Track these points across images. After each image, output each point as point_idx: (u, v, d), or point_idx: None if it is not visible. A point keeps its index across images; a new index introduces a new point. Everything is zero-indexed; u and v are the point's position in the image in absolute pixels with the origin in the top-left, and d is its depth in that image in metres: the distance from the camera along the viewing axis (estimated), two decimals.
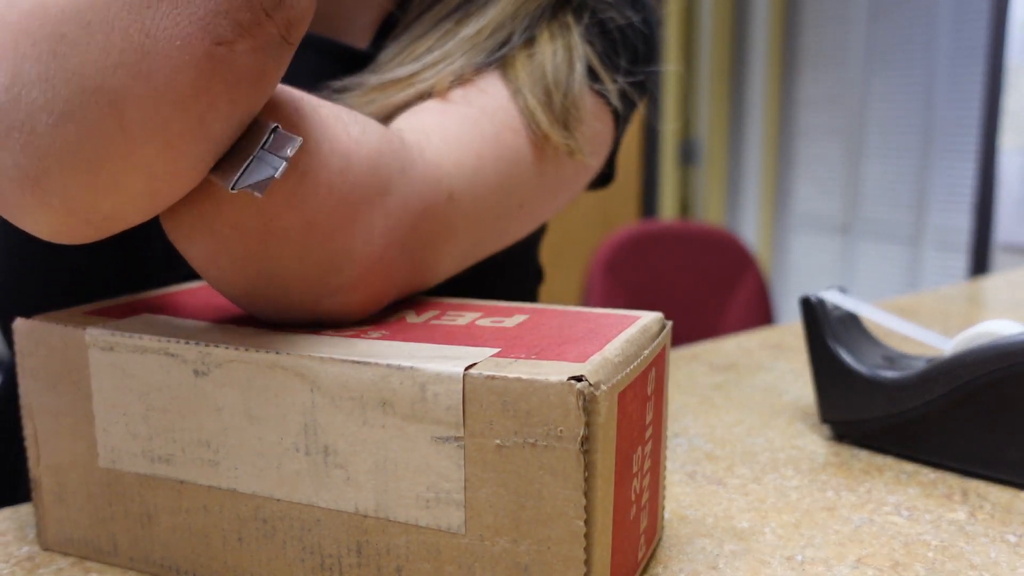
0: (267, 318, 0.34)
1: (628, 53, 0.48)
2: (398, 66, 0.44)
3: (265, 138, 0.27)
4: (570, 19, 0.46)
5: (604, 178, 0.53)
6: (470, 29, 0.44)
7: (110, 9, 0.24)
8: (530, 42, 0.44)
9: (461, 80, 0.43)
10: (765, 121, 2.90)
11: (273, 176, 0.27)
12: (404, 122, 0.40)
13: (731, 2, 2.97)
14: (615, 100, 0.47)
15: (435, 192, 0.36)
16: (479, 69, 0.43)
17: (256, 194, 0.27)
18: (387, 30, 0.49)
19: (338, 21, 0.49)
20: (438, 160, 0.37)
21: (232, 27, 0.25)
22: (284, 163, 0.27)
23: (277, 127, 0.28)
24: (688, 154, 3.07)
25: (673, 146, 3.01)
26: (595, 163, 0.48)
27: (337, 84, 0.44)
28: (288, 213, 0.29)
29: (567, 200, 0.48)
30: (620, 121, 0.49)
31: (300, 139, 0.28)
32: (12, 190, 0.26)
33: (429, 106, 0.41)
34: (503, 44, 0.44)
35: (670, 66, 2.92)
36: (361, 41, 0.50)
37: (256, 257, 0.30)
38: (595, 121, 0.46)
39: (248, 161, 0.27)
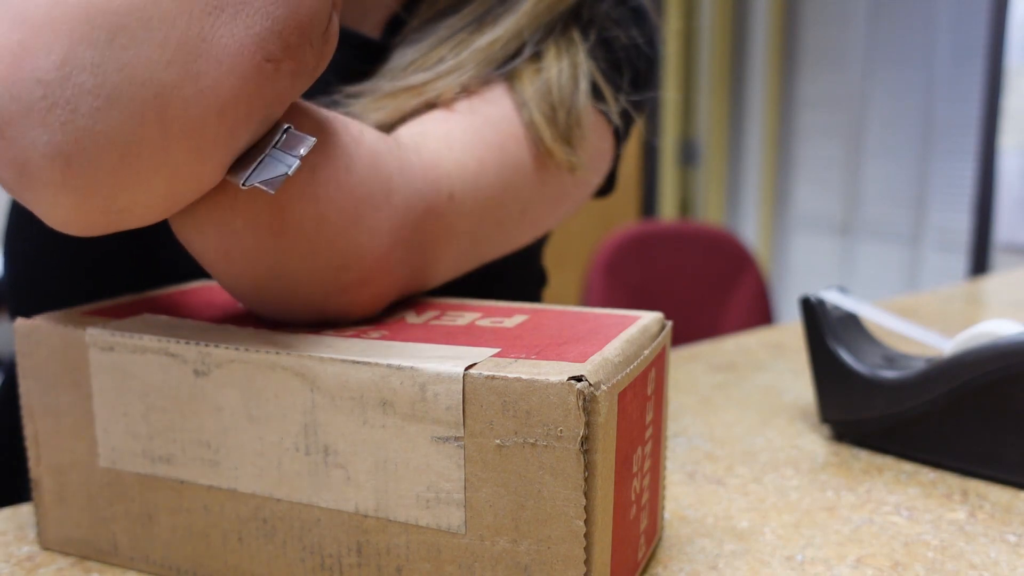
0: (273, 317, 0.34)
1: (631, 73, 0.49)
2: (412, 74, 0.44)
3: (278, 137, 0.28)
4: (576, 35, 0.46)
5: (604, 189, 0.54)
6: (484, 40, 0.44)
7: (173, 10, 0.25)
8: (537, 56, 0.45)
9: (467, 91, 0.43)
10: (765, 121, 2.90)
11: (286, 174, 0.28)
12: (405, 128, 0.40)
13: (731, 2, 2.97)
14: (616, 119, 0.48)
15: (436, 192, 0.37)
16: (486, 80, 0.44)
17: (268, 191, 0.28)
18: (394, 27, 0.49)
19: (354, 15, 0.50)
20: (436, 160, 0.38)
21: (282, 47, 0.27)
22: (297, 161, 0.28)
23: (289, 127, 0.29)
24: (688, 154, 3.07)
25: (673, 146, 3.01)
26: (595, 180, 0.49)
27: (351, 89, 0.44)
28: (301, 207, 0.30)
29: (568, 212, 0.49)
30: (620, 139, 0.50)
31: (313, 139, 0.28)
32: (41, 166, 0.27)
33: (433, 114, 0.42)
34: (514, 56, 0.45)
35: (670, 64, 2.93)
36: (374, 34, 0.50)
37: (268, 253, 0.30)
38: (596, 138, 0.47)
39: (261, 159, 0.28)
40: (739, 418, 0.52)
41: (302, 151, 0.28)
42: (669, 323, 0.35)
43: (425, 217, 0.36)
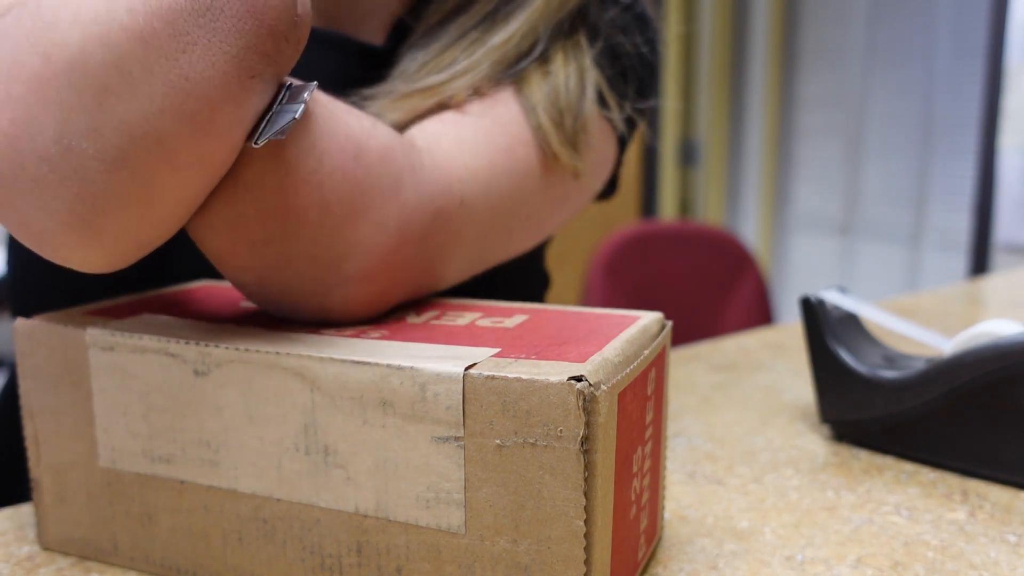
0: (277, 312, 0.34)
1: (636, 82, 0.49)
2: (427, 75, 0.44)
3: (282, 94, 0.28)
4: (583, 41, 0.46)
5: (605, 192, 0.54)
6: (497, 38, 0.44)
7: (148, 58, 0.25)
8: (545, 60, 0.45)
9: (478, 93, 0.44)
10: (765, 121, 2.90)
11: (295, 118, 0.28)
12: (418, 129, 0.40)
13: (731, 2, 2.97)
14: (620, 126, 0.48)
15: (447, 196, 0.37)
16: (496, 83, 0.44)
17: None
18: (399, 32, 0.49)
19: (352, 21, 0.50)
20: (449, 164, 0.38)
21: (261, 58, 0.27)
22: (302, 106, 0.28)
23: (291, 83, 0.29)
24: (688, 154, 3.07)
25: (673, 146, 3.01)
26: (597, 185, 0.49)
27: (367, 92, 0.44)
28: (308, 192, 0.30)
29: (569, 217, 0.49)
30: (623, 145, 0.50)
31: (314, 83, 0.28)
32: (62, 233, 0.27)
33: (444, 116, 0.42)
34: (525, 54, 0.45)
35: (670, 64, 2.92)
36: (375, 40, 0.50)
37: (275, 240, 0.31)
38: (600, 144, 0.47)
39: (268, 116, 0.28)
40: (739, 418, 0.52)
41: (306, 95, 0.28)
42: (669, 323, 0.35)
43: (435, 219, 0.36)
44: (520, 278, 0.58)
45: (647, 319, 0.33)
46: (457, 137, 0.40)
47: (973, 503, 0.40)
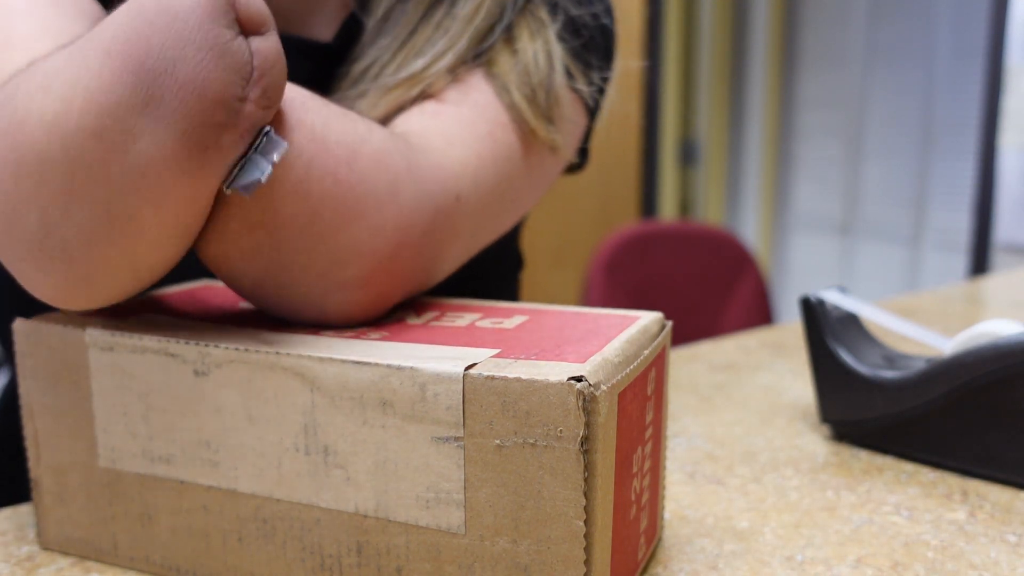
0: (277, 315, 0.34)
1: (598, 52, 0.49)
2: (408, 61, 0.44)
3: (258, 140, 0.28)
4: (544, 14, 0.47)
5: (576, 165, 0.54)
6: (468, 7, 0.44)
7: (104, 152, 0.27)
8: (510, 38, 0.45)
9: (454, 79, 0.43)
10: (765, 121, 2.90)
11: (260, 180, 0.28)
12: (404, 125, 0.40)
13: (731, 2, 2.97)
14: (588, 98, 0.48)
15: (444, 194, 0.37)
16: (467, 65, 0.44)
17: (244, 195, 0.29)
18: (351, 24, 0.48)
19: (298, 17, 0.49)
20: (442, 162, 0.38)
21: (213, 130, 0.27)
22: (269, 168, 0.28)
23: (269, 130, 0.29)
24: (688, 154, 3.07)
25: (673, 146, 3.01)
26: (571, 157, 0.50)
27: (352, 92, 0.44)
28: (294, 203, 0.30)
29: (544, 191, 0.49)
30: (592, 115, 0.50)
31: (285, 144, 0.29)
32: (60, 292, 0.30)
33: (425, 108, 0.42)
34: (495, 24, 0.45)
35: (670, 64, 2.92)
36: (324, 37, 0.50)
37: (264, 250, 0.31)
38: (573, 116, 0.47)
39: (241, 163, 0.28)
40: (739, 418, 0.52)
41: (275, 157, 0.28)
42: (669, 323, 0.35)
43: (434, 218, 0.36)
44: (493, 261, 0.57)
45: (647, 319, 0.33)
46: (442, 131, 0.40)
47: (973, 503, 0.40)
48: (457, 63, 0.44)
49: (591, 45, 0.49)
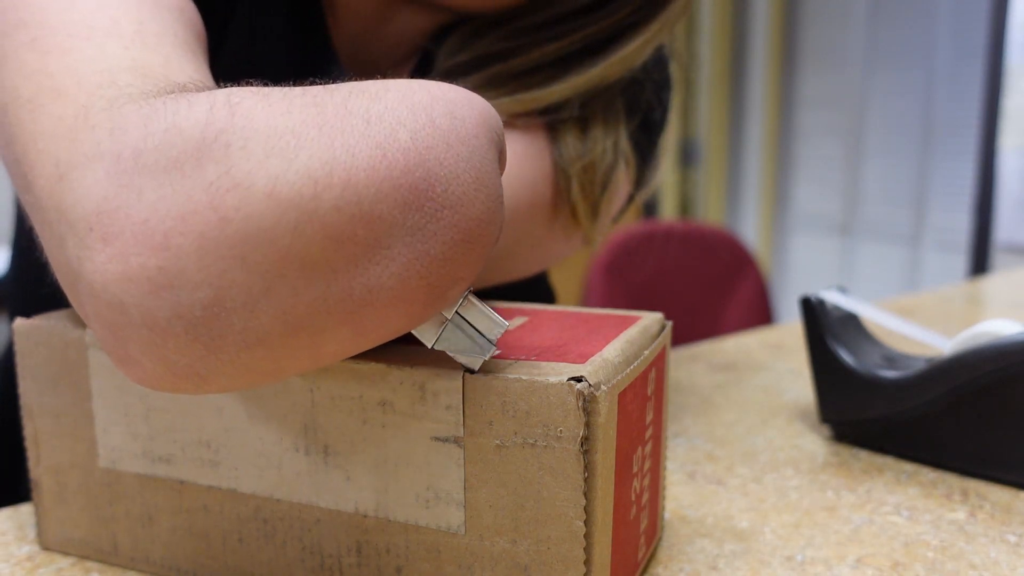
0: None
1: (657, 141, 0.50)
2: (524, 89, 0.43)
3: (460, 301, 0.26)
4: (621, 110, 0.46)
5: None
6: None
7: (336, 259, 0.23)
8: (583, 118, 0.44)
9: (508, 123, 0.43)
10: (765, 121, 2.90)
11: (483, 358, 0.26)
12: None
13: (731, 2, 2.97)
14: (636, 171, 0.48)
15: None
16: (527, 119, 0.44)
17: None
18: (425, 65, 0.48)
19: (376, 58, 0.49)
20: None
21: (454, 272, 0.24)
22: (493, 347, 0.26)
23: (468, 293, 0.26)
24: (688, 154, 3.07)
25: (673, 146, 3.01)
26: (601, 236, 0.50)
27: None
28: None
29: (563, 257, 0.49)
30: (637, 187, 0.50)
31: (505, 324, 0.26)
32: (169, 379, 0.25)
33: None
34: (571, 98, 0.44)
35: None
36: (401, 75, 0.50)
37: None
38: (617, 201, 0.47)
39: (444, 325, 0.26)
40: (739, 418, 0.52)
41: (494, 348, 0.26)
42: (669, 323, 0.35)
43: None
44: (522, 296, 0.58)
45: (647, 319, 0.33)
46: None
47: (973, 503, 0.40)
48: (519, 111, 0.43)
49: (655, 138, 0.49)
